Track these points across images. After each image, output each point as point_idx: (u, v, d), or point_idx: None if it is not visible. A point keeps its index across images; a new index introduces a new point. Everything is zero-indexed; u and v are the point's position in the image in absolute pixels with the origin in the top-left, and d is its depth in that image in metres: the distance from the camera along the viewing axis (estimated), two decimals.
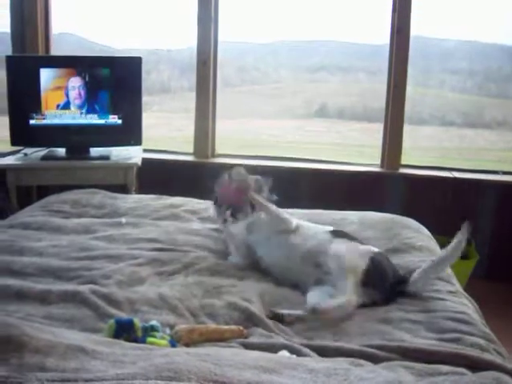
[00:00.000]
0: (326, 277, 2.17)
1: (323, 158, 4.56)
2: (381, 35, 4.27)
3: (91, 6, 4.67)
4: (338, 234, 2.38)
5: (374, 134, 4.50)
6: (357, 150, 5.29)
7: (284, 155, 4.64)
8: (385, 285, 2.14)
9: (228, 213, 2.54)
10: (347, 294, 2.04)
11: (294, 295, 2.17)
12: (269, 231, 2.45)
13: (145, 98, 4.10)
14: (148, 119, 4.38)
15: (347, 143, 5.42)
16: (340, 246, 2.24)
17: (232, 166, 2.63)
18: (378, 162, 4.38)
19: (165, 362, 1.30)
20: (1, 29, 4.47)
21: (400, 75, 4.18)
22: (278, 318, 1.98)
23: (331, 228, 2.45)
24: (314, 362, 1.50)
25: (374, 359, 1.64)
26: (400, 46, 4.13)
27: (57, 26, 4.55)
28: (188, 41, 4.59)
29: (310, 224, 2.50)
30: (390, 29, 4.17)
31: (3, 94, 3.82)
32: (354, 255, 2.21)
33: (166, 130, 5.51)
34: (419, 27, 4.23)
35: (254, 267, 2.40)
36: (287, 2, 4.67)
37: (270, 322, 1.90)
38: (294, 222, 2.45)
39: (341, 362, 1.51)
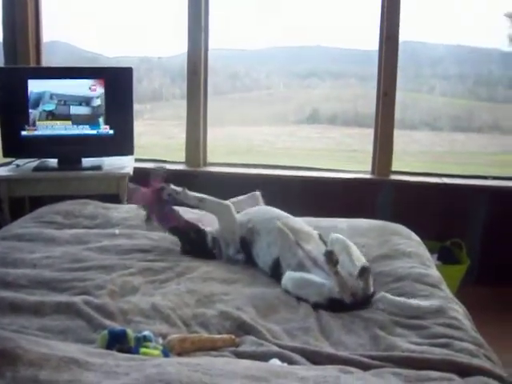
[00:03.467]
0: (308, 262, 2.29)
1: (315, 165, 4.57)
2: (371, 40, 4.29)
3: (82, 14, 4.67)
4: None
5: (365, 139, 4.51)
6: (349, 155, 5.32)
7: (276, 161, 4.66)
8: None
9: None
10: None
11: (288, 298, 2.19)
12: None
13: (136, 106, 4.11)
14: (140, 127, 4.39)
15: (339, 149, 5.44)
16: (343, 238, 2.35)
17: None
18: (369, 168, 4.40)
19: (157, 372, 1.31)
20: None
21: (390, 82, 4.19)
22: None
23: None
24: (305, 370, 1.51)
25: (365, 367, 1.65)
26: (389, 53, 4.15)
27: (48, 34, 4.56)
28: (179, 48, 4.60)
29: None
30: (378, 36, 4.19)
31: None
32: (357, 249, 2.33)
33: (158, 137, 5.53)
34: (408, 33, 4.25)
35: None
36: (277, 9, 4.68)
37: (262, 330, 1.92)
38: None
39: (331, 370, 1.52)
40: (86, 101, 3.90)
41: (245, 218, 2.61)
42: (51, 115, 3.87)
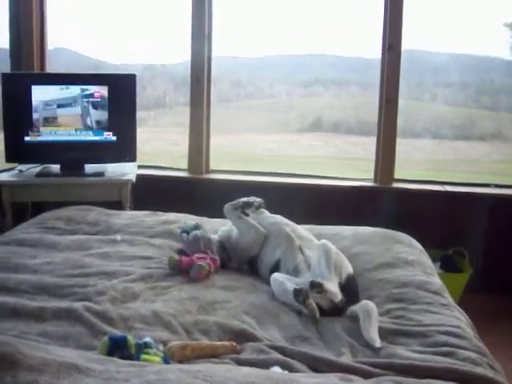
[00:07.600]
0: (303, 265, 2.37)
1: (318, 173, 4.57)
2: (374, 49, 4.29)
3: (87, 21, 4.69)
4: None
5: (368, 148, 4.51)
6: (352, 163, 5.31)
7: (279, 169, 4.65)
8: (354, 299, 2.19)
9: None
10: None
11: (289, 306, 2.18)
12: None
13: (140, 113, 4.10)
14: (144, 134, 4.38)
15: (342, 157, 5.44)
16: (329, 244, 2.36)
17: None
18: (372, 176, 4.39)
19: (157, 379, 1.31)
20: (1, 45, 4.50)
21: (392, 90, 4.20)
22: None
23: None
24: (305, 377, 1.50)
25: (366, 375, 1.64)
26: (392, 62, 4.16)
27: (52, 41, 4.57)
28: (182, 55, 4.61)
29: None
30: (381, 45, 4.19)
31: None
32: (342, 257, 2.35)
33: (161, 144, 5.52)
34: (411, 41, 4.26)
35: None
36: (281, 17, 4.69)
37: (263, 338, 1.91)
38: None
39: (331, 378, 1.51)
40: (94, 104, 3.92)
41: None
42: (61, 119, 3.88)
